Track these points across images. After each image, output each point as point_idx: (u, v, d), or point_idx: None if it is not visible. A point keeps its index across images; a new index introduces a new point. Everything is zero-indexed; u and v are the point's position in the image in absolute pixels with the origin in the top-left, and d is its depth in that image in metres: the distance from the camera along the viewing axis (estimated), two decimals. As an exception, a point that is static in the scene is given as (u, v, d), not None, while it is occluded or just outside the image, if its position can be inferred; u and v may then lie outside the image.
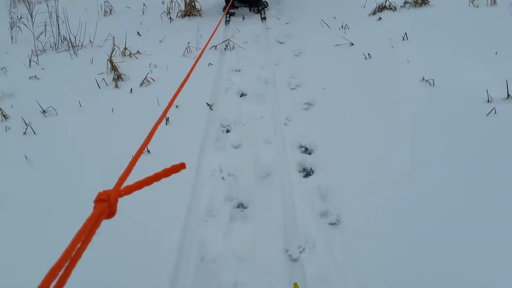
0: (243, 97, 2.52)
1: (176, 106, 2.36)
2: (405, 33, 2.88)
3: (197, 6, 4.10)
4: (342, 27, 3.28)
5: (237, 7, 4.14)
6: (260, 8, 4.02)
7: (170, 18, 3.96)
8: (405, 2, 3.58)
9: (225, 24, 3.87)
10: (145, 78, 2.72)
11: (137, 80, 2.74)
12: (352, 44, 2.93)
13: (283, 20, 3.72)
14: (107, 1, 4.35)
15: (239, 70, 2.88)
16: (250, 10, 4.12)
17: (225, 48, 3.20)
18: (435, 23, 3.09)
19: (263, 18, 3.93)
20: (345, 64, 2.69)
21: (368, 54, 2.72)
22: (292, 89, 2.52)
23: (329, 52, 2.90)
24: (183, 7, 4.07)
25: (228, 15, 3.98)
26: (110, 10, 4.35)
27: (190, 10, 4.04)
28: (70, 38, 3.50)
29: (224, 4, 4.03)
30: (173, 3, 4.25)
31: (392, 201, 1.55)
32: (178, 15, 4.03)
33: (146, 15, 4.20)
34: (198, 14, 4.04)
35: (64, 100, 2.59)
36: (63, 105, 2.54)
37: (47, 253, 0.76)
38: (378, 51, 2.76)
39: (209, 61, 2.95)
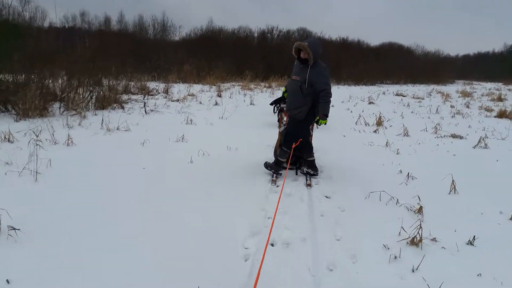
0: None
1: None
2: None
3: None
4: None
5: (285, 168, 3.92)
6: (312, 172, 3.74)
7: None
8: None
9: (271, 183, 3.57)
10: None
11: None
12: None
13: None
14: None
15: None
16: (296, 174, 3.89)
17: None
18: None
19: (308, 185, 3.56)
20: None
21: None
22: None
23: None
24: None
25: (274, 175, 3.74)
26: None
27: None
28: None
29: (267, 163, 3.90)
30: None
31: None
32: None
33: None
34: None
35: None
36: None
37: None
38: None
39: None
